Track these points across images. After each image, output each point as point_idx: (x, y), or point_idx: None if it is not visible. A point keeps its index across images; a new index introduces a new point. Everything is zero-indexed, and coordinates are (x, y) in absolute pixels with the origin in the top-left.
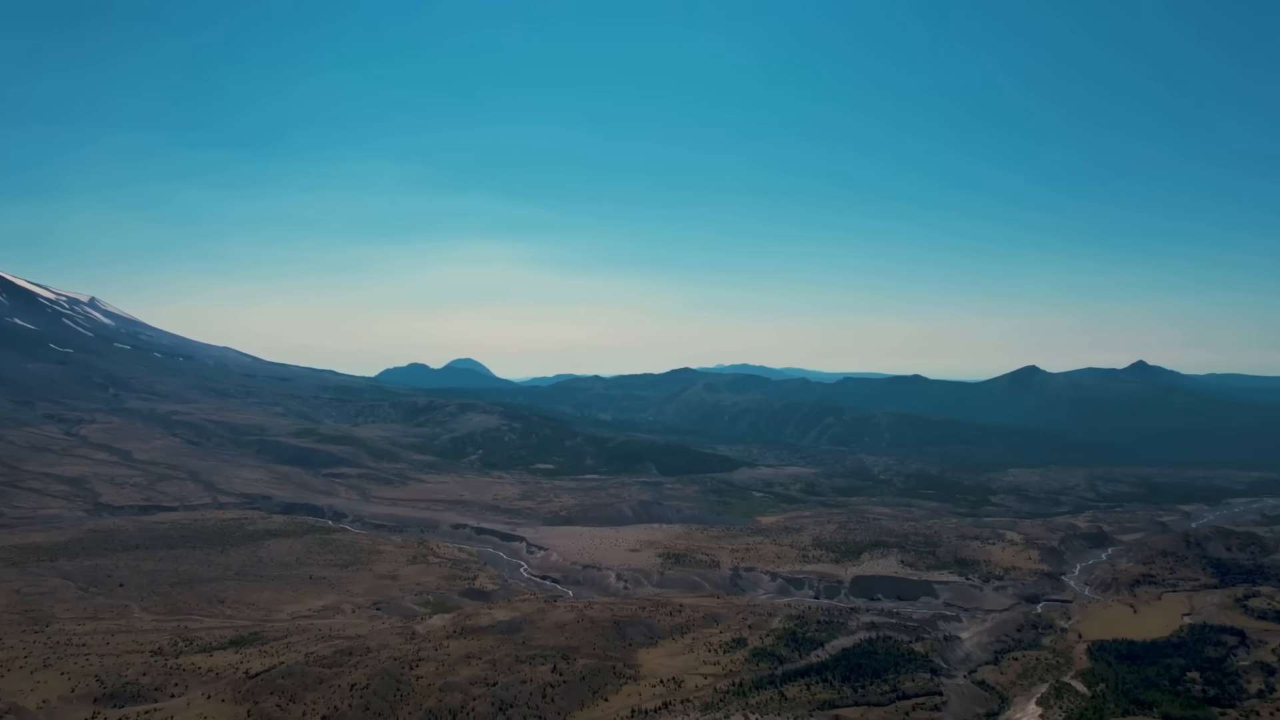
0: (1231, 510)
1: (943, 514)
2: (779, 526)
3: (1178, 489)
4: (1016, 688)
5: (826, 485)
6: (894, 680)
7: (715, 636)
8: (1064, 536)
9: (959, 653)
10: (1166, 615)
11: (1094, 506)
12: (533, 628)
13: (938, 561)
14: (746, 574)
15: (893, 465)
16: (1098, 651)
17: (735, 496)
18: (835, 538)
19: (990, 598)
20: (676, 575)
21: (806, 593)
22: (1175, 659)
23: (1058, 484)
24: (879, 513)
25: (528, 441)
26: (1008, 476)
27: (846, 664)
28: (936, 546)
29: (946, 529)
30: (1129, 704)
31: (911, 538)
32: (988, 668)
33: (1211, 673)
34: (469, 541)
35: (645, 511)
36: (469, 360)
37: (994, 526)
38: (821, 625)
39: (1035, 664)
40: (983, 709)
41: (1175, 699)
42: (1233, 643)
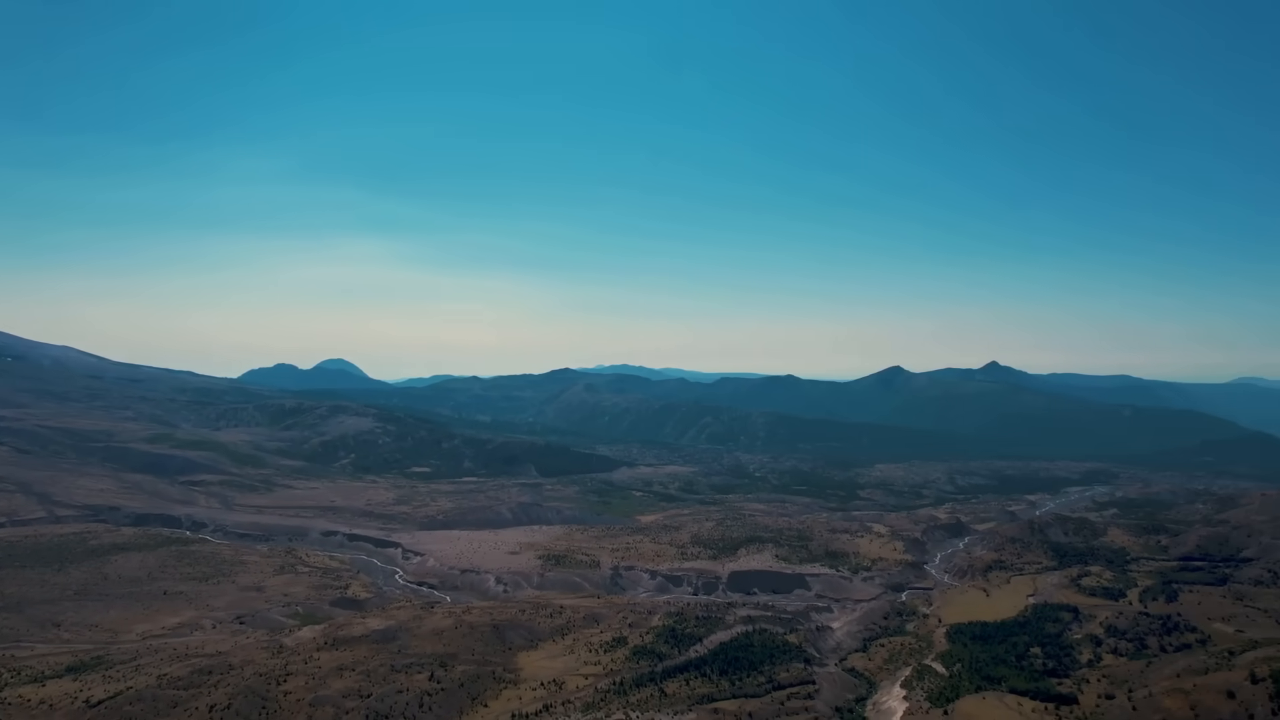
0: (1069, 498)
1: (815, 509)
2: (658, 525)
3: (1025, 480)
4: (883, 672)
5: (704, 483)
6: (770, 671)
7: (596, 636)
8: (926, 528)
9: (830, 642)
10: (1014, 597)
11: (953, 499)
12: (409, 636)
13: (810, 555)
14: (627, 573)
15: (768, 463)
16: (955, 634)
17: (615, 496)
18: (713, 535)
19: (859, 588)
20: (557, 576)
21: (686, 589)
22: (1021, 636)
23: (920, 478)
24: (755, 509)
25: (403, 444)
26: (875, 472)
27: (724, 658)
28: (809, 540)
29: (818, 523)
30: (981, 680)
31: (786, 533)
32: (857, 655)
33: (1050, 647)
34: (341, 549)
35: (525, 513)
36: (340, 361)
37: (862, 520)
38: (700, 621)
39: (900, 649)
40: (852, 694)
41: (1020, 673)
42: (1068, 618)
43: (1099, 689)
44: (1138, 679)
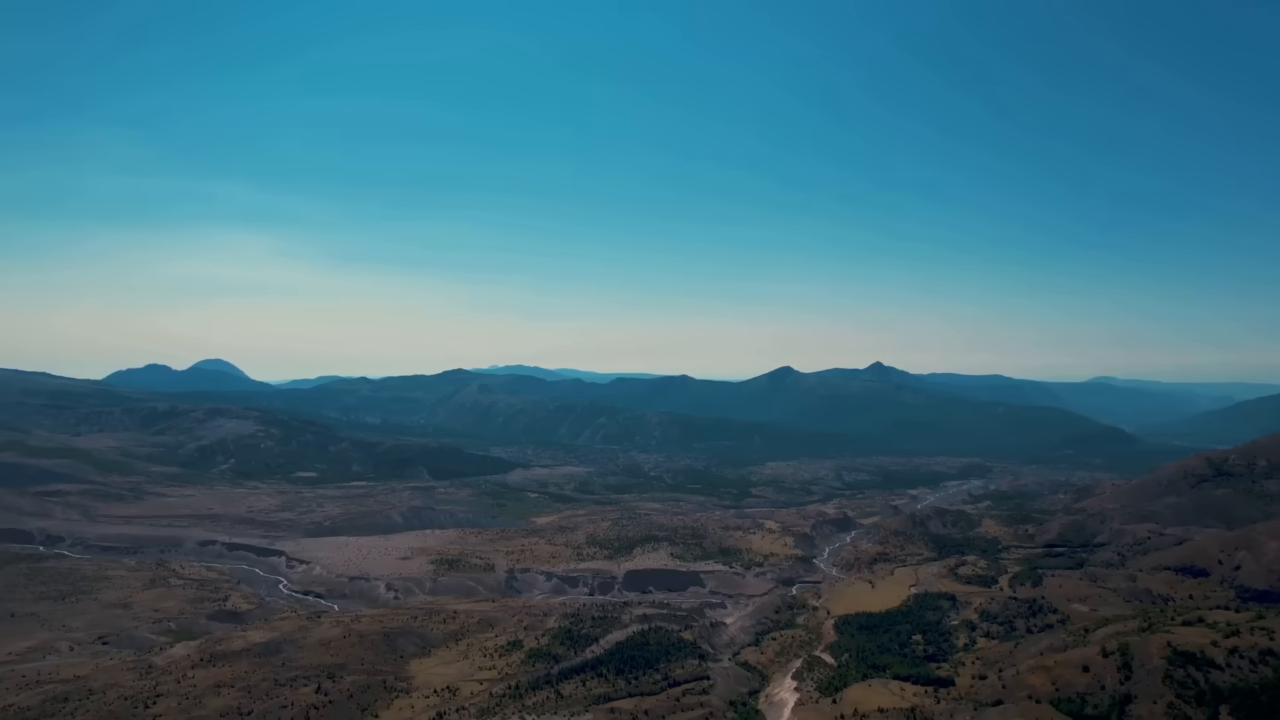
0: (947, 492)
1: (709, 507)
2: (554, 526)
3: (907, 475)
4: (775, 665)
5: (600, 484)
6: (665, 669)
7: (491, 640)
8: (815, 523)
9: (724, 637)
10: (898, 587)
11: (840, 494)
12: (294, 648)
13: (704, 552)
14: (522, 575)
15: (662, 462)
16: (843, 625)
17: (510, 498)
18: (609, 534)
19: (752, 583)
20: (451, 581)
21: (582, 590)
22: (904, 625)
23: (809, 475)
24: (650, 508)
25: (287, 448)
26: (766, 470)
27: (620, 657)
28: (703, 538)
29: (712, 521)
30: (868, 669)
31: (680, 531)
32: (750, 649)
33: (931, 633)
34: (220, 559)
35: (417, 517)
36: (219, 361)
37: (754, 517)
38: (596, 621)
39: (791, 642)
40: (746, 688)
41: (904, 660)
42: (947, 606)
43: (973, 670)
44: (1007, 659)
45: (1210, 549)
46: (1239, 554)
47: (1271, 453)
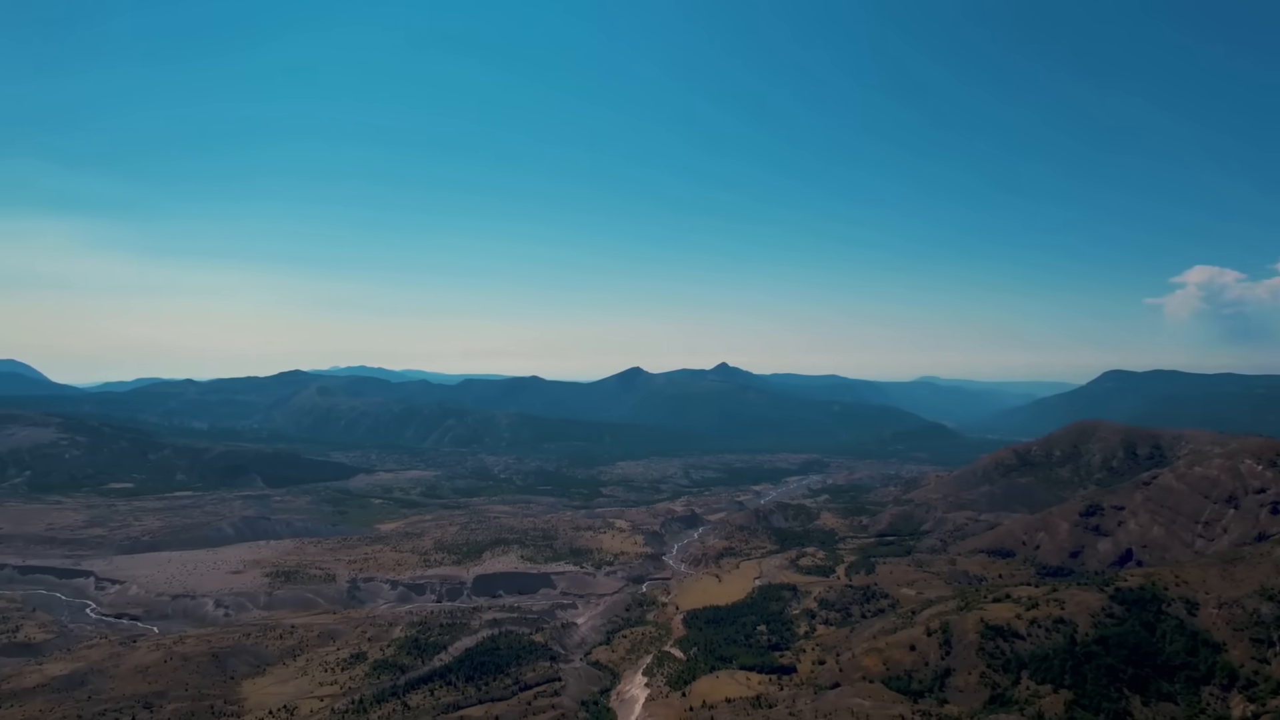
0: (789, 487)
1: (560, 508)
2: (400, 532)
3: (751, 472)
4: (626, 663)
5: (448, 487)
6: (517, 672)
7: (332, 654)
8: (664, 520)
9: (575, 638)
10: (744, 580)
11: (688, 492)
12: (103, 678)
13: (555, 553)
14: (366, 585)
15: (513, 464)
16: (691, 620)
17: (353, 505)
18: (457, 539)
19: (602, 583)
20: (287, 594)
21: (429, 597)
22: (749, 617)
23: (659, 473)
24: (500, 511)
25: (97, 458)
26: (617, 469)
27: (470, 663)
28: (554, 539)
29: (563, 522)
30: (715, 661)
31: (531, 533)
32: (601, 648)
33: (774, 623)
34: (11, 585)
35: (250, 528)
36: (12, 362)
37: (605, 516)
38: (445, 628)
39: (642, 638)
40: (597, 687)
41: (749, 650)
42: (789, 596)
43: (813, 656)
44: (844, 644)
45: (1016, 532)
46: (1039, 535)
47: (1064, 443)
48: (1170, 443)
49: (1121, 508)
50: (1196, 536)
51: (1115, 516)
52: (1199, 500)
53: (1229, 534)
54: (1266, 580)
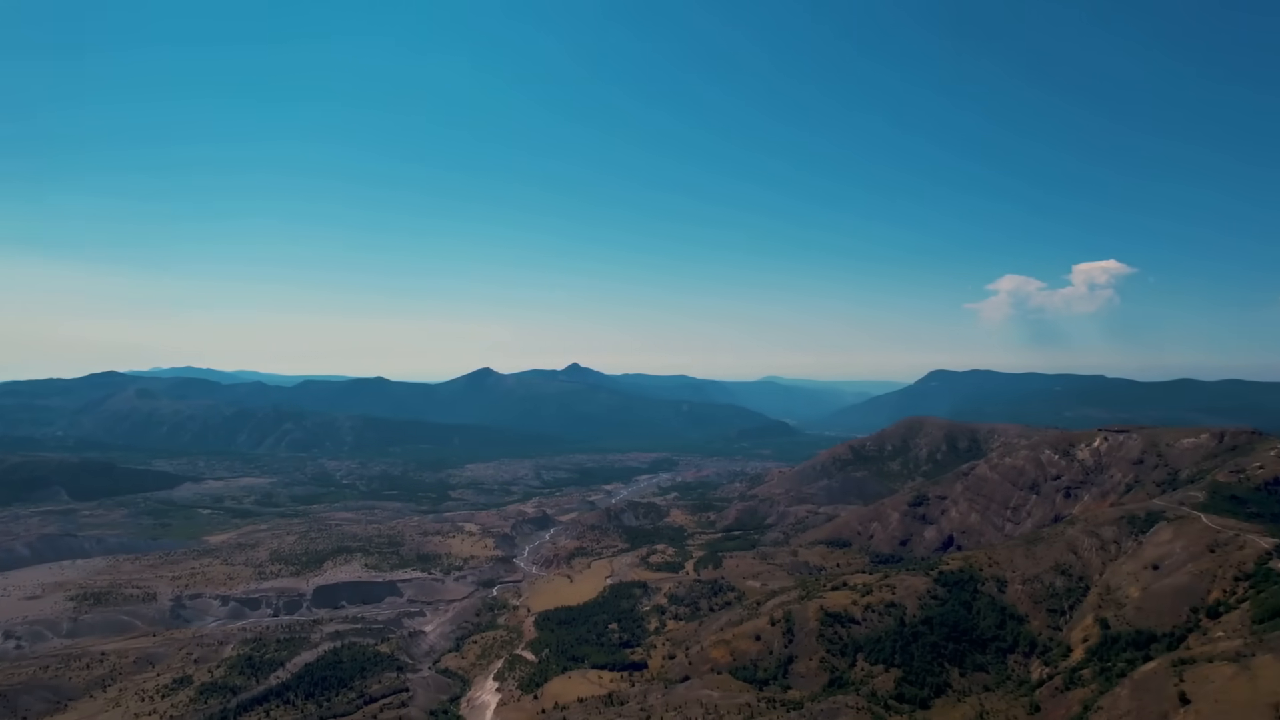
0: (639, 486)
1: (407, 513)
2: (231, 544)
3: (602, 471)
4: (477, 668)
5: (285, 495)
6: (361, 685)
7: (151, 681)
8: (515, 522)
9: (424, 646)
10: (595, 579)
11: (539, 493)
12: None
13: (402, 560)
14: (192, 602)
15: (356, 469)
16: (543, 621)
17: (178, 516)
18: (296, 549)
19: (452, 588)
20: (97, 618)
21: (265, 612)
22: (601, 615)
23: (509, 475)
24: (342, 518)
25: None
26: (466, 472)
27: (310, 679)
28: (400, 545)
29: (410, 527)
30: (567, 661)
31: (376, 540)
32: (451, 655)
33: (625, 621)
34: None
35: (51, 547)
36: None
37: (454, 520)
38: (282, 644)
39: (493, 643)
40: (446, 695)
41: (601, 649)
42: (639, 594)
43: (664, 651)
44: (693, 638)
45: (852, 523)
46: (872, 525)
47: (895, 439)
48: (985, 436)
49: (944, 497)
50: (1006, 521)
51: (939, 505)
52: (1008, 488)
53: (1032, 517)
54: (1060, 557)
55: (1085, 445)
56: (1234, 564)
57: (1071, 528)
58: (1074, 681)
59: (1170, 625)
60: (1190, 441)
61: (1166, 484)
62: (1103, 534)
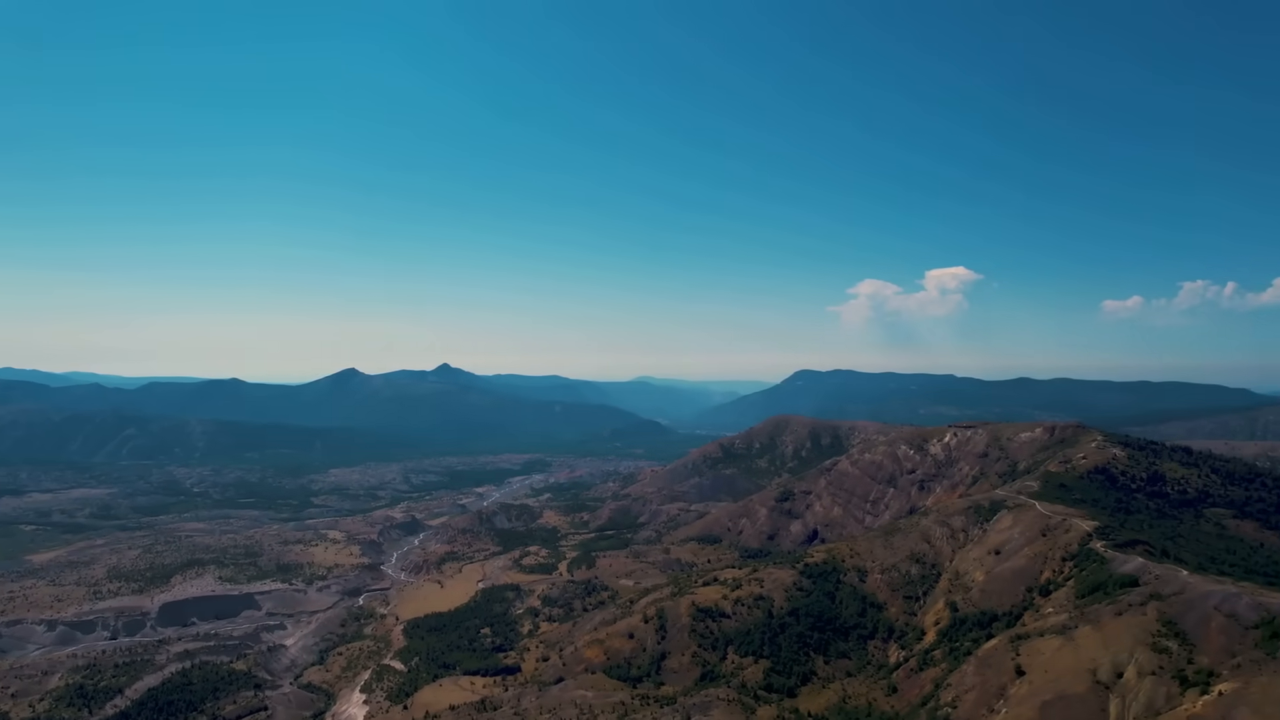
0: (512, 487)
1: (265, 521)
2: (60, 562)
3: (474, 474)
4: (342, 681)
5: (127, 506)
6: (214, 708)
7: None
8: (382, 528)
9: (284, 661)
10: (467, 584)
11: (408, 497)
12: None
13: (260, 571)
14: (10, 630)
15: (209, 476)
16: (412, 629)
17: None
18: (139, 564)
19: (315, 599)
20: None
21: (101, 635)
22: (473, 620)
23: (376, 479)
24: (193, 529)
25: None
26: (330, 477)
27: (155, 705)
28: (258, 556)
29: (269, 536)
30: (438, 669)
31: (231, 551)
32: (314, 669)
33: (498, 625)
34: None
35: None
36: None
37: (317, 528)
38: (121, 669)
39: (359, 654)
40: (310, 711)
41: (473, 654)
42: (512, 597)
43: (538, 654)
44: (567, 639)
45: (722, 519)
46: (742, 521)
47: (762, 437)
48: (847, 433)
49: (809, 492)
50: (866, 513)
51: (804, 500)
52: (868, 482)
53: (890, 509)
54: (915, 546)
55: (937, 441)
56: (1062, 546)
57: (925, 518)
58: (927, 662)
59: (1009, 605)
60: (1027, 436)
61: (1007, 475)
62: (952, 523)
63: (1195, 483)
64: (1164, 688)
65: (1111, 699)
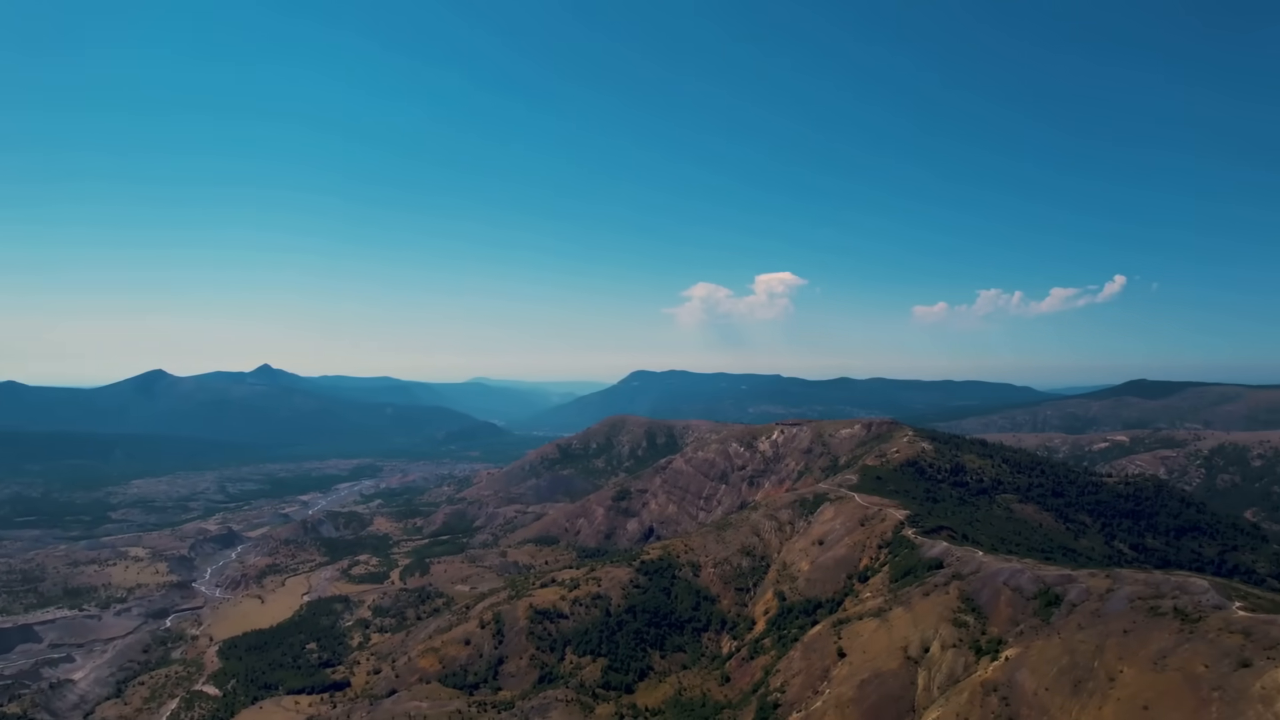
0: (340, 494)
1: (49, 541)
2: None
3: (298, 481)
4: (144, 714)
5: None
6: None
7: None
8: (194, 542)
9: (71, 697)
10: (290, 598)
11: (224, 508)
12: None
13: (42, 598)
14: None
15: None
16: (229, 650)
17: None
18: None
19: (111, 625)
20: None
21: None
22: (298, 636)
23: (187, 490)
24: None
25: None
26: (132, 489)
27: None
28: (40, 581)
29: (54, 558)
30: (259, 690)
31: (5, 577)
32: (110, 703)
33: (325, 639)
34: None
35: None
36: None
37: (115, 545)
38: None
39: (165, 681)
40: None
41: (298, 672)
42: (341, 609)
43: (369, 667)
44: (399, 649)
45: (560, 520)
46: (579, 521)
47: (600, 436)
48: (681, 431)
49: (645, 491)
50: (700, 510)
51: (640, 499)
52: (701, 479)
53: (722, 505)
54: (745, 540)
55: (766, 438)
56: (878, 534)
57: (755, 513)
58: (757, 651)
59: (832, 592)
60: (847, 432)
61: (830, 469)
62: (780, 516)
63: (990, 472)
64: (963, 658)
65: (920, 672)
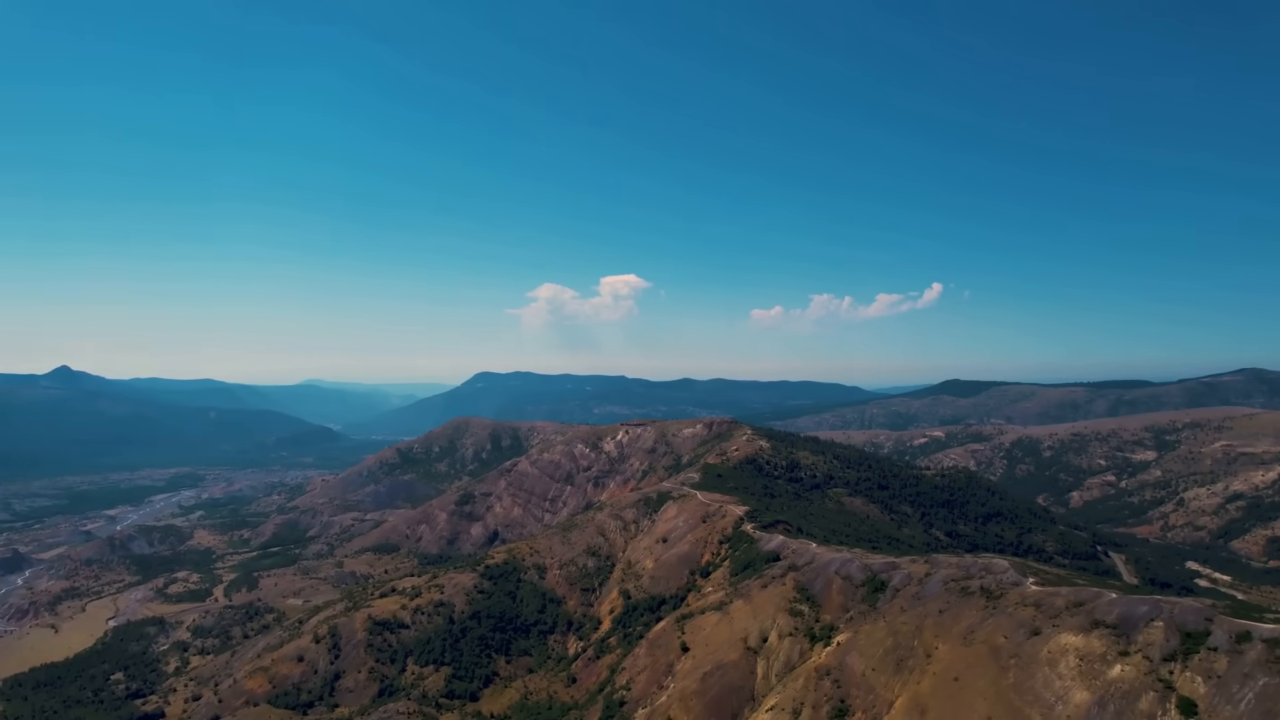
0: (155, 507)
1: None
2: None
3: (103, 494)
4: None
5: None
6: None
7: None
8: None
9: None
10: (92, 625)
11: (10, 527)
12: None
13: None
14: None
15: None
16: (12, 688)
17: None
18: None
19: None
20: None
21: None
22: (101, 666)
23: None
24: None
25: None
26: None
27: None
28: None
29: None
30: None
31: None
32: None
33: (135, 667)
34: None
35: None
36: None
37: None
38: None
39: None
40: None
41: (100, 708)
42: (155, 632)
43: (187, 693)
44: (224, 671)
45: (400, 527)
46: (420, 527)
47: (442, 439)
48: (526, 433)
49: (490, 494)
50: (545, 511)
51: (485, 502)
52: (547, 481)
53: (568, 506)
54: (591, 540)
55: (610, 439)
56: (719, 530)
57: (600, 513)
58: (603, 650)
59: (676, 588)
60: (689, 431)
61: (674, 468)
62: (625, 516)
63: (822, 468)
64: (798, 645)
65: (759, 661)
